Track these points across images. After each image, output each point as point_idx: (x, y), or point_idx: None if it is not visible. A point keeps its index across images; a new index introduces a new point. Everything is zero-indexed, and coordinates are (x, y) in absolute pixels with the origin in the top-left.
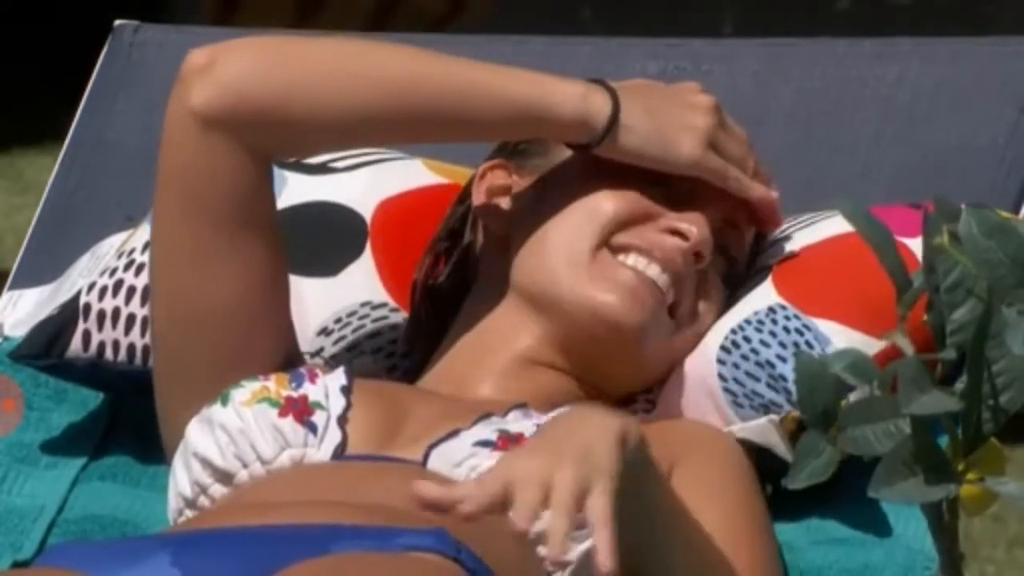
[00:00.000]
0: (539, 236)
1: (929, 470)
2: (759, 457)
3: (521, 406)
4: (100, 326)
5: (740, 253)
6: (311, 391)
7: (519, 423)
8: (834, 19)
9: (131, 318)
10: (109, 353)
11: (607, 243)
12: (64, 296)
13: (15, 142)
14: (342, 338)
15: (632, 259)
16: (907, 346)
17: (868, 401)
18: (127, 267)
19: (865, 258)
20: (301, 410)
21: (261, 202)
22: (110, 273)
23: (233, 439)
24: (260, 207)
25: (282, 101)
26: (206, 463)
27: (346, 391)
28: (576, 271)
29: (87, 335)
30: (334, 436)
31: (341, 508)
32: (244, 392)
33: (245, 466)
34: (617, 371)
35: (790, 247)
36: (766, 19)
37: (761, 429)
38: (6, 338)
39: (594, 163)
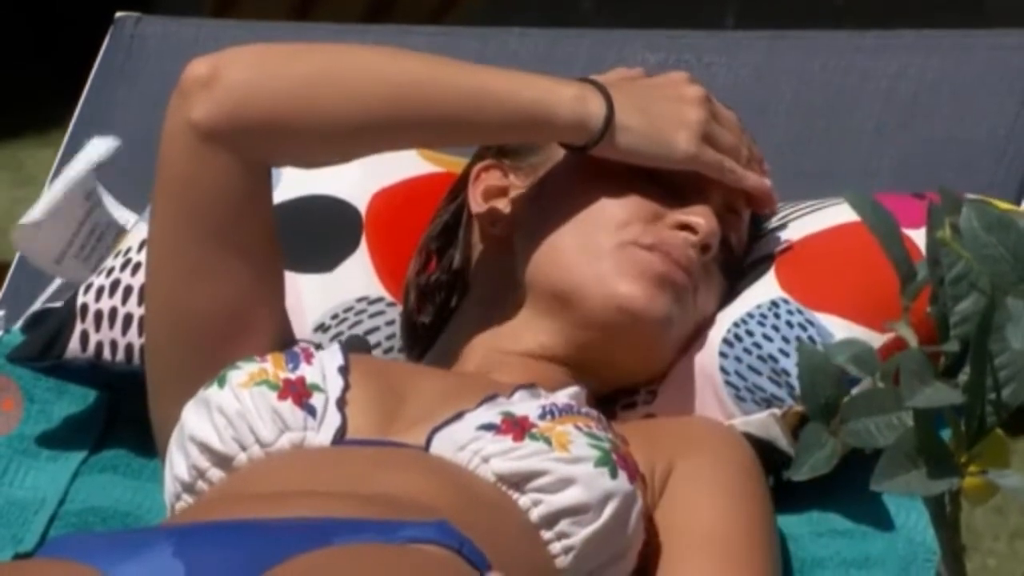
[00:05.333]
0: (548, 241)
1: (932, 463)
2: (761, 450)
3: (528, 386)
4: (98, 326)
5: (740, 238)
6: (308, 372)
7: (524, 403)
8: (836, 11)
9: (128, 318)
10: (107, 353)
11: (633, 242)
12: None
13: (17, 135)
14: (339, 334)
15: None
16: (911, 336)
17: (871, 393)
18: (124, 267)
19: (868, 251)
20: (300, 393)
21: (257, 210)
22: (107, 273)
23: (231, 422)
24: (258, 214)
25: (284, 111)
26: (204, 447)
27: (344, 371)
28: (598, 264)
29: (85, 335)
30: (333, 419)
31: (344, 501)
32: (242, 374)
33: (244, 449)
34: (631, 362)
35: (792, 236)
36: (768, 11)
37: (763, 423)
38: (7, 331)
39: (592, 163)
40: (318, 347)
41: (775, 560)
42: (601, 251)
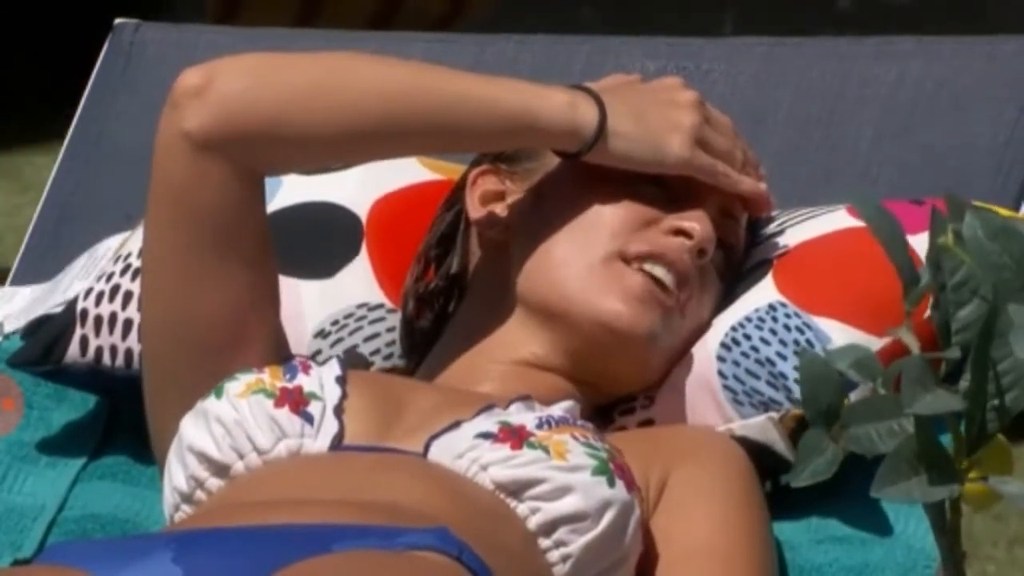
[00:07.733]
0: (543, 249)
1: (932, 469)
2: (758, 455)
3: (524, 398)
4: (97, 331)
5: (737, 243)
6: (305, 382)
7: (521, 415)
8: (835, 18)
9: (128, 323)
10: (107, 358)
11: (620, 254)
12: (59, 297)
13: (15, 141)
14: (339, 340)
15: (648, 265)
16: (912, 342)
17: (871, 399)
18: (123, 272)
19: (866, 255)
20: (297, 401)
21: (252, 218)
22: (107, 278)
23: (229, 431)
24: (251, 223)
25: (277, 121)
26: (202, 457)
27: (341, 381)
28: (585, 282)
29: (84, 340)
30: (331, 426)
31: (343, 508)
32: (238, 384)
33: (241, 457)
34: (624, 375)
35: (790, 241)
36: (767, 18)
37: (761, 427)
38: (6, 337)
39: (586, 169)
40: (315, 356)
41: (772, 568)
42: (590, 265)
